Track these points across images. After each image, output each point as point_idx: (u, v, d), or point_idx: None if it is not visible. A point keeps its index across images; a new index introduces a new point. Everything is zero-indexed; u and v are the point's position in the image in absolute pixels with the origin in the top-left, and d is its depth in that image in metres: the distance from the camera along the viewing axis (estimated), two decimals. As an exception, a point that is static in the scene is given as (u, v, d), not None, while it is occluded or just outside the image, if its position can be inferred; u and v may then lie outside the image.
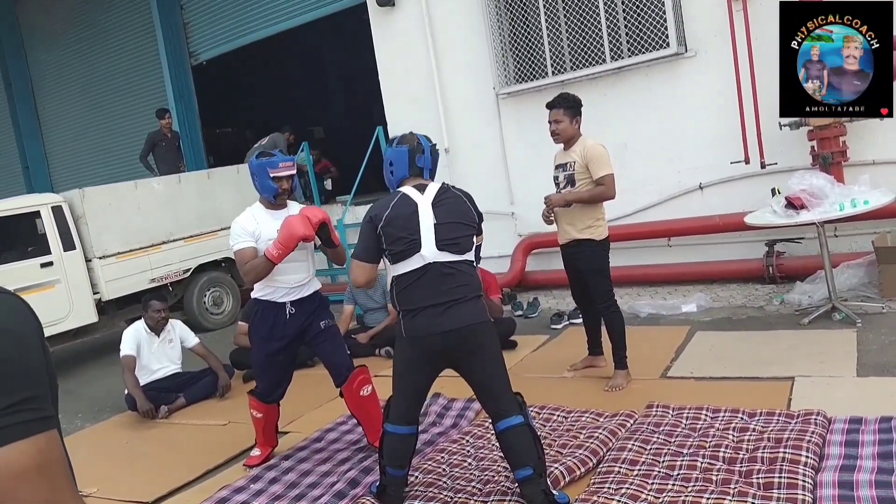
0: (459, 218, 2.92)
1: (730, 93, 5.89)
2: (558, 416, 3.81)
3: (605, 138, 4.41)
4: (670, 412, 3.60)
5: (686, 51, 6.24)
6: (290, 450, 3.92)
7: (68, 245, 6.90)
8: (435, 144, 3.13)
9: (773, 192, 4.99)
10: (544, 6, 6.84)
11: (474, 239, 2.99)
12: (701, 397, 3.73)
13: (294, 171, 3.67)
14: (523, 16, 7.10)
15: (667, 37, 6.24)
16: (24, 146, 13.90)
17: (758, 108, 5.72)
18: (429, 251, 2.83)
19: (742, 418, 3.40)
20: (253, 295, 3.72)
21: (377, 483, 3.18)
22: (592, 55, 6.70)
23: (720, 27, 5.93)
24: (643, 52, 6.42)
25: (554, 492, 2.88)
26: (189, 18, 10.85)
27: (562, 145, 4.25)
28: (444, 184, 3.02)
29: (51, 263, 6.76)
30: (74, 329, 6.94)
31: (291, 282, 3.61)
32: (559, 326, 5.74)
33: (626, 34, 6.53)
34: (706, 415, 3.50)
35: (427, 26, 7.63)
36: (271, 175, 3.54)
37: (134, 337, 5.21)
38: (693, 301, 5.62)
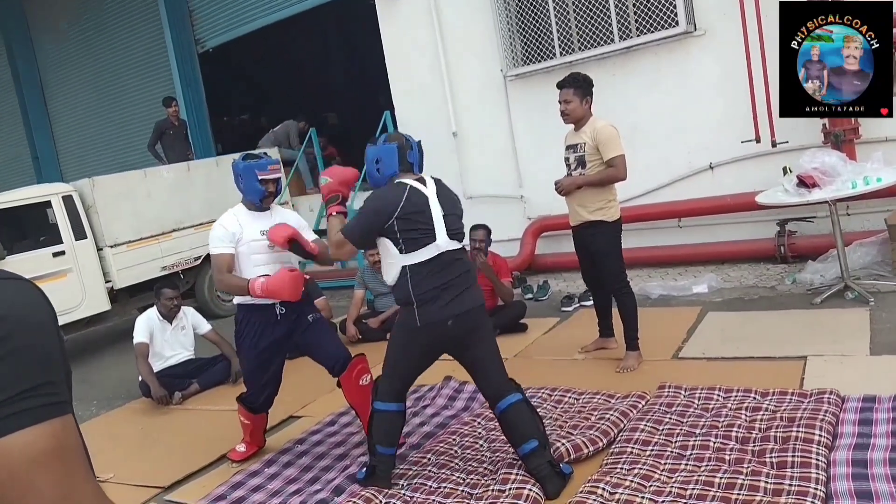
0: (456, 209, 3.10)
1: (740, 71, 5.82)
2: (570, 397, 3.82)
3: (615, 119, 4.37)
4: (682, 392, 3.59)
5: (695, 29, 6.18)
6: (304, 433, 3.95)
7: (80, 234, 6.93)
8: (420, 141, 3.21)
9: (785, 170, 4.96)
10: (551, -14, 6.78)
11: None
12: (713, 377, 3.73)
13: (281, 175, 3.62)
14: (530, -4, 7.04)
15: (675, 15, 6.18)
16: (34, 137, 13.93)
17: (768, 87, 5.66)
18: (442, 240, 2.96)
19: (754, 398, 3.39)
20: (237, 300, 3.60)
21: (364, 469, 3.21)
22: (601, 35, 6.65)
23: (729, 5, 5.85)
24: (652, 31, 6.36)
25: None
26: (194, 5, 10.81)
27: (572, 126, 4.22)
28: (435, 178, 3.15)
29: (63, 253, 6.79)
30: (87, 317, 6.98)
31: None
32: (570, 309, 5.73)
33: (635, 13, 6.46)
34: (718, 395, 3.50)
35: (433, 9, 7.58)
36: (259, 177, 3.48)
37: (146, 324, 5.24)
38: (704, 282, 5.60)
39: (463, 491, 2.98)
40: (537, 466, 2.89)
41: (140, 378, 5.16)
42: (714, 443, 3.02)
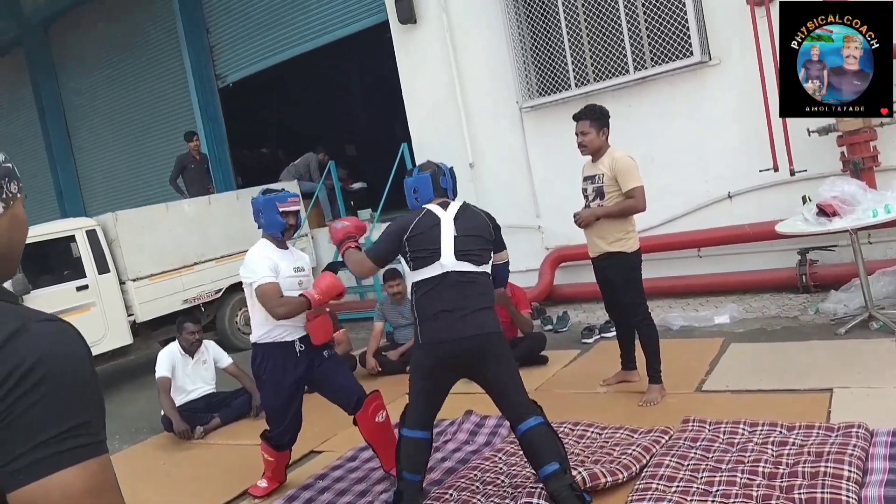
0: (477, 231, 3.14)
1: (756, 100, 5.84)
2: (592, 432, 3.79)
3: (632, 149, 4.39)
4: (707, 427, 3.55)
5: (710, 59, 6.21)
6: (325, 469, 3.94)
7: (103, 268, 7.02)
8: (452, 167, 3.36)
9: (804, 199, 4.94)
10: (565, 18, 6.86)
11: (492, 253, 3.22)
12: (738, 411, 3.69)
13: (301, 207, 3.72)
14: (544, 28, 7.12)
15: (690, 45, 6.22)
16: (58, 172, 14.19)
17: (786, 115, 5.66)
18: (448, 260, 3.03)
19: (781, 432, 3.35)
20: (253, 339, 3.60)
21: (392, 495, 3.26)
22: (615, 66, 6.70)
23: (744, 34, 5.89)
24: (666, 62, 6.40)
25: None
26: (215, 42, 11.04)
27: (590, 157, 4.24)
28: (464, 202, 3.25)
29: (86, 287, 6.88)
30: (110, 351, 7.04)
31: (298, 321, 3.52)
32: (590, 341, 5.70)
33: (649, 43, 6.52)
34: (744, 429, 3.46)
35: (449, 42, 7.69)
36: (280, 209, 3.54)
37: (168, 359, 5.28)
38: (726, 312, 5.55)
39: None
40: (558, 489, 2.89)
41: (162, 412, 5.19)
42: (741, 478, 2.98)
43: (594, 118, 4.13)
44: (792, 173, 5.73)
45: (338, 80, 13.40)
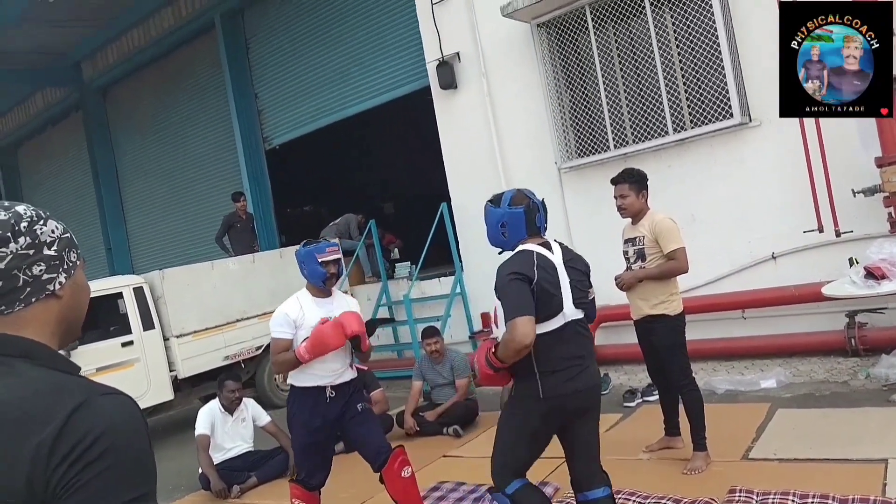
0: (584, 277, 2.93)
1: (798, 160, 5.78)
2: (634, 500, 3.68)
3: (672, 209, 4.39)
4: (754, 497, 3.43)
5: (750, 121, 6.21)
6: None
7: (148, 324, 7.17)
8: (543, 199, 3.09)
9: (851, 261, 4.83)
10: (604, 81, 6.95)
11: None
12: (786, 481, 3.56)
13: (340, 256, 3.77)
14: (583, 91, 7.22)
15: (730, 107, 6.23)
16: (108, 230, 14.70)
17: (828, 175, 5.60)
18: (569, 309, 2.81)
19: (833, 504, 3.21)
20: (290, 381, 3.74)
21: None
22: (654, 127, 6.73)
23: (784, 96, 5.87)
24: (706, 123, 6.41)
25: None
26: (263, 106, 11.45)
27: (630, 219, 4.25)
28: (558, 242, 3.00)
29: (131, 343, 7.02)
30: (151, 407, 7.12)
31: (328, 370, 3.64)
32: (633, 404, 5.59)
33: (688, 105, 6.55)
34: (793, 500, 3.33)
35: (489, 105, 7.85)
36: (319, 260, 3.63)
37: (208, 416, 5.33)
38: (772, 376, 5.41)
39: None
40: None
41: (200, 470, 5.20)
42: (791, 554, 2.85)
43: (633, 181, 4.15)
44: (837, 234, 5.63)
45: (380, 139, 13.74)
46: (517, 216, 2.92)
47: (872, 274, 4.52)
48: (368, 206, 11.29)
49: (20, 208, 1.09)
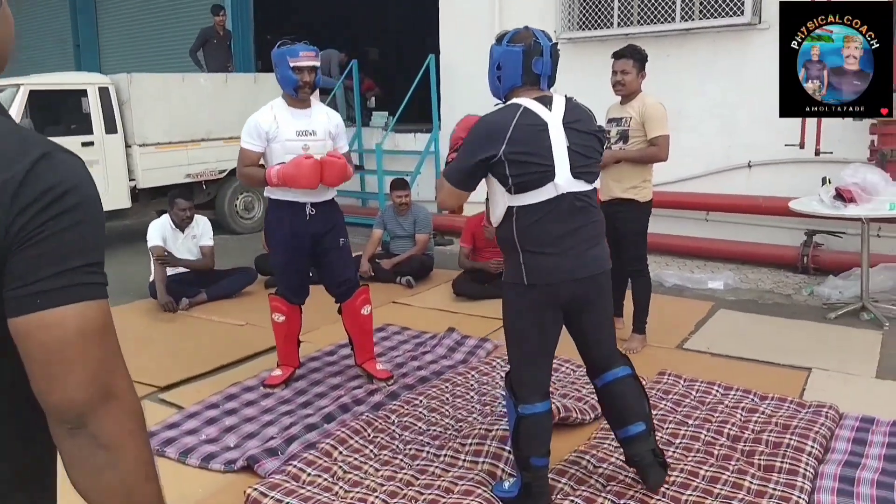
0: (592, 141, 2.45)
1: (798, 72, 5.67)
2: (567, 367, 3.83)
3: (661, 100, 4.28)
4: (681, 382, 3.60)
5: (759, 22, 6.00)
6: (303, 359, 3.98)
7: (111, 128, 6.96)
8: (556, 43, 2.50)
9: (824, 180, 4.86)
10: (621, -46, 6.58)
11: None
12: (714, 373, 3.73)
13: (317, 63, 3.42)
14: (597, -39, 6.84)
15: (742, 4, 6.00)
16: (78, 24, 13.85)
17: (824, 93, 5.51)
18: (564, 179, 2.35)
19: (753, 400, 3.39)
20: (267, 193, 3.56)
21: (511, 485, 2.61)
22: (662, 11, 6.48)
23: (801, 2, 5.66)
24: (715, 17, 6.19)
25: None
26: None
27: (618, 99, 4.14)
28: (568, 97, 2.49)
29: (91, 143, 6.83)
30: (108, 212, 7.01)
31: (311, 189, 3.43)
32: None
33: (701, -6, 6.28)
34: (717, 390, 3.50)
35: (496, -42, 7.40)
36: (291, 64, 3.32)
37: (159, 230, 5.29)
38: (721, 278, 5.56)
39: (450, 434, 3.02)
40: (640, 453, 2.54)
41: (151, 279, 5.22)
42: (705, 436, 3.03)
43: (637, 59, 4.01)
44: (817, 153, 5.62)
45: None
46: (513, 56, 2.44)
47: (842, 196, 4.56)
48: (352, 48, 10.81)
49: None
